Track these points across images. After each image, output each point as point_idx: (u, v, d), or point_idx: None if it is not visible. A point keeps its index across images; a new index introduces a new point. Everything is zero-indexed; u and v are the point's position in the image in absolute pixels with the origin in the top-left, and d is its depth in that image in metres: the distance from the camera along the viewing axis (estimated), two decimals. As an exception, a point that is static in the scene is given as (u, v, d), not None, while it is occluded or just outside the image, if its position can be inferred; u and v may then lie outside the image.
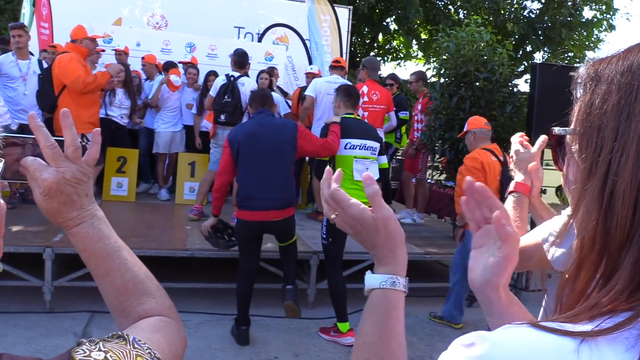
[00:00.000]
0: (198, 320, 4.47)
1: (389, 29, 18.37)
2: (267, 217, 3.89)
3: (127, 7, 9.80)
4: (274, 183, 3.89)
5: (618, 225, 0.55)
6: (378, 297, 0.82)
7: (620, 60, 0.60)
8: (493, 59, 5.77)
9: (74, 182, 0.86)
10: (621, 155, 0.55)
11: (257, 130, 3.95)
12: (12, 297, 4.48)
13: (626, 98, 0.57)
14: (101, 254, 0.88)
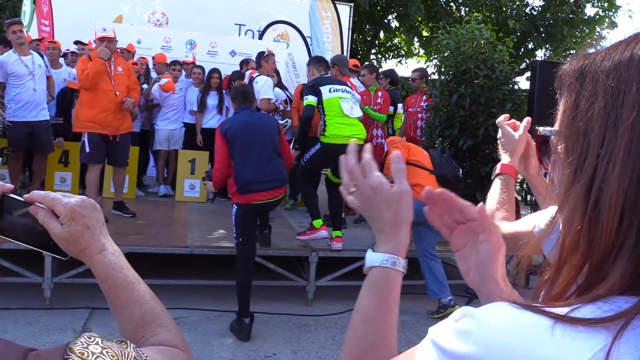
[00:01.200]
0: (197, 317, 4.49)
1: (390, 26, 18.32)
2: (270, 197, 4.25)
3: (127, 4, 9.81)
4: (269, 167, 4.24)
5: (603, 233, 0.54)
6: (378, 275, 0.83)
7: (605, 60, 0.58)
8: (493, 57, 5.76)
9: (92, 207, 0.89)
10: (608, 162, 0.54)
11: (248, 120, 4.26)
12: (12, 294, 4.49)
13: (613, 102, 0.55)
14: (122, 284, 0.89)
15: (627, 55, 0.57)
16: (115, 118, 5.45)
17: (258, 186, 4.16)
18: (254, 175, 4.15)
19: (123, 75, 5.51)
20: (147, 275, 4.75)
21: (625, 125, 0.54)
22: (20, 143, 5.81)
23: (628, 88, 0.54)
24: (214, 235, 5.22)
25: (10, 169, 5.97)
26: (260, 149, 4.20)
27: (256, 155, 4.18)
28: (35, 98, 5.73)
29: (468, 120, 5.72)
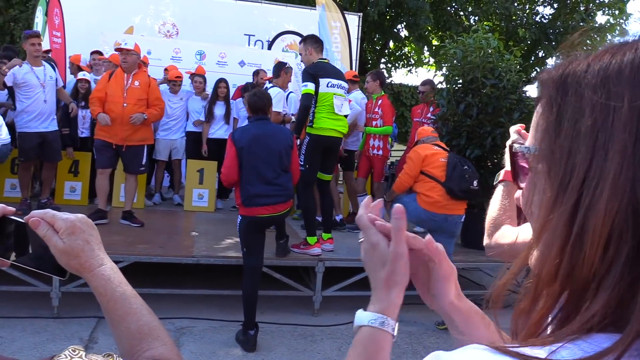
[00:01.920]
0: (203, 327, 4.49)
1: (399, 36, 18.36)
2: (274, 211, 4.25)
3: (138, 15, 9.92)
4: (276, 182, 4.22)
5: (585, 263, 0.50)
6: (365, 335, 0.79)
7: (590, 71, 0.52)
8: (500, 66, 5.74)
9: (89, 225, 0.91)
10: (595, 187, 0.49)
11: (259, 134, 4.20)
12: (20, 303, 4.54)
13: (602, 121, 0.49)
14: (120, 298, 0.90)
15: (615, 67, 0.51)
16: (122, 129, 5.55)
17: (263, 200, 4.16)
18: (259, 189, 4.14)
19: (138, 89, 5.61)
20: (153, 285, 4.79)
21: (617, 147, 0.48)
22: (31, 153, 5.90)
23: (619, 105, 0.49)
24: (220, 245, 5.23)
25: (21, 178, 6.04)
26: (267, 164, 4.18)
27: (263, 170, 4.17)
28: (46, 109, 5.82)
29: (475, 129, 5.70)
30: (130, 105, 5.54)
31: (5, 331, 4.08)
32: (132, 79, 5.56)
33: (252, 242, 4.27)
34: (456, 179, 4.73)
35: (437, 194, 4.72)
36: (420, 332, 4.73)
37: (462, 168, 4.81)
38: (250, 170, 4.15)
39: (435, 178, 4.76)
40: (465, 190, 4.76)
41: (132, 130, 5.60)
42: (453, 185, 4.71)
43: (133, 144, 5.65)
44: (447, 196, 4.72)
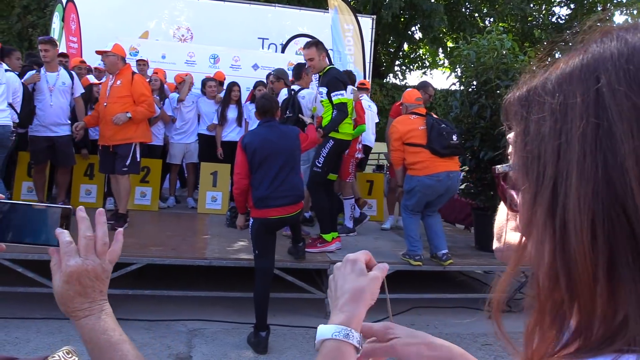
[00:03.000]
0: (215, 329, 4.51)
1: (414, 38, 18.31)
2: (285, 212, 4.28)
3: (153, 20, 10.04)
4: (286, 183, 4.25)
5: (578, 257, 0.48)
6: (329, 349, 0.76)
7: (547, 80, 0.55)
8: (515, 67, 5.69)
9: (94, 276, 0.90)
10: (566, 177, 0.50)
11: (268, 137, 4.27)
12: (35, 304, 4.59)
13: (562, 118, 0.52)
14: (104, 345, 0.90)
15: (567, 70, 0.55)
16: (105, 128, 5.55)
17: (273, 202, 4.20)
18: (269, 191, 4.19)
19: (119, 87, 5.49)
20: (166, 287, 4.82)
21: (577, 137, 0.50)
22: (40, 156, 6.00)
23: (572, 101, 0.52)
24: (233, 247, 5.25)
25: (35, 181, 6.15)
26: (277, 165, 4.23)
27: (273, 171, 4.22)
28: (52, 113, 5.88)
29: (489, 131, 5.65)
30: (110, 104, 5.46)
31: (21, 332, 4.14)
32: (115, 78, 5.54)
33: (264, 244, 4.30)
34: (435, 139, 4.98)
35: (425, 157, 5.00)
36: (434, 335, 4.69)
37: (438, 127, 5.06)
38: (260, 173, 4.21)
39: (419, 144, 5.03)
40: (446, 147, 4.99)
41: (115, 129, 5.48)
42: (435, 145, 4.97)
43: (117, 143, 5.54)
44: (434, 157, 4.98)
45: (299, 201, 4.39)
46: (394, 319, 3.53)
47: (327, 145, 5.14)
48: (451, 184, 5.06)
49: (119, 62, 5.54)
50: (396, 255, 5.44)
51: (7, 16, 13.03)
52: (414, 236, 5.15)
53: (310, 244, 5.20)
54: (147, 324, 4.47)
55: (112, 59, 5.52)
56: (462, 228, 7.78)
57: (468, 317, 5.03)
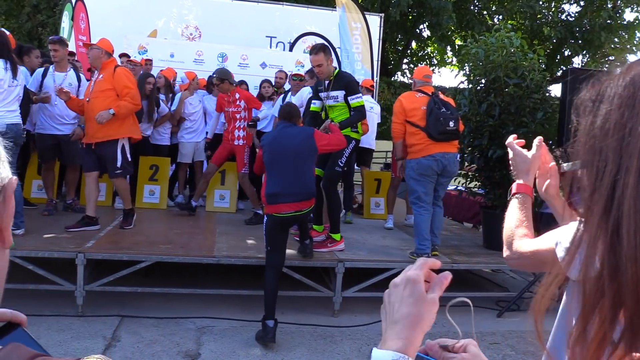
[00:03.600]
0: (223, 326, 4.52)
1: (422, 36, 18.25)
2: (296, 208, 4.38)
3: (162, 19, 10.07)
4: (297, 180, 4.38)
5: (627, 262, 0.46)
6: None
7: (622, 77, 0.56)
8: (523, 65, 5.66)
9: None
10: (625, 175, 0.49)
11: (280, 137, 4.49)
12: (46, 301, 4.63)
13: (629, 112, 0.51)
14: None
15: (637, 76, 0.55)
16: (89, 125, 5.30)
17: (284, 198, 4.30)
18: (280, 188, 4.32)
19: (101, 81, 5.26)
20: (175, 284, 4.84)
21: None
22: (46, 154, 6.04)
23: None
24: (241, 245, 5.27)
25: (44, 179, 6.19)
26: (288, 162, 4.37)
27: (284, 168, 4.36)
28: (57, 112, 5.89)
29: (498, 129, 5.63)
30: (92, 99, 5.22)
31: (31, 329, 4.09)
32: (99, 72, 5.34)
33: (275, 240, 4.39)
34: (432, 124, 5.13)
35: (422, 139, 5.18)
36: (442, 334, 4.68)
37: (437, 112, 5.17)
38: (272, 170, 4.40)
39: (418, 125, 5.21)
40: (442, 132, 5.12)
41: (99, 126, 5.16)
42: (430, 129, 5.12)
43: (101, 140, 5.23)
44: (429, 140, 5.14)
45: (309, 198, 4.46)
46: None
47: (349, 146, 5.22)
48: (447, 164, 5.19)
49: (102, 56, 5.29)
50: (404, 254, 5.43)
51: (17, 15, 13.13)
52: (425, 235, 5.21)
53: (319, 244, 5.23)
54: (156, 321, 4.49)
55: (96, 52, 5.29)
56: (470, 227, 7.76)
57: (477, 316, 5.01)
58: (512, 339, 4.69)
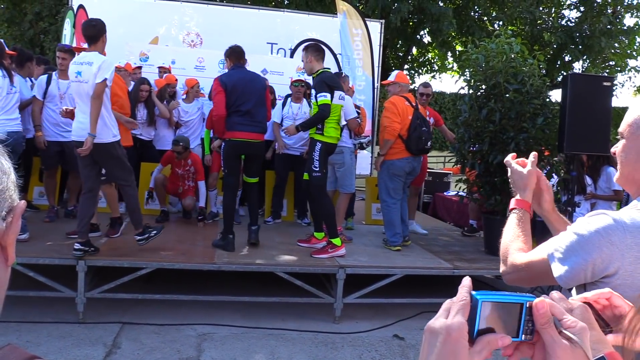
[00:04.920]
0: (224, 333, 4.51)
1: (422, 42, 18.29)
2: (250, 137, 5.19)
3: (163, 26, 10.09)
4: (252, 115, 5.19)
5: None
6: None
7: None
8: (523, 71, 5.66)
9: None
10: None
11: (242, 77, 5.22)
12: (46, 308, 4.63)
13: None
14: None
15: None
16: None
17: (241, 127, 5.11)
18: (239, 119, 5.11)
19: None
20: (176, 291, 4.83)
21: None
22: (51, 161, 6.05)
23: None
24: (242, 252, 5.26)
25: (46, 186, 6.20)
26: (247, 101, 5.15)
27: (244, 104, 5.12)
28: (60, 119, 5.88)
29: (498, 135, 5.63)
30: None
31: (32, 335, 4.17)
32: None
33: (231, 164, 5.27)
34: (414, 140, 5.67)
35: (399, 145, 5.69)
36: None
37: (420, 130, 5.71)
38: (233, 105, 5.12)
39: (400, 135, 5.65)
40: (420, 150, 5.76)
41: None
42: (412, 145, 5.67)
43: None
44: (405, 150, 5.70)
45: (262, 132, 5.34)
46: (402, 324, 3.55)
47: (316, 149, 5.30)
48: (416, 164, 5.88)
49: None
50: (407, 260, 5.42)
51: (20, 23, 13.18)
52: (397, 227, 5.78)
53: (320, 251, 5.25)
54: (156, 328, 4.48)
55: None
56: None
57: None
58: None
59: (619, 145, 1.35)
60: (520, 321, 0.71)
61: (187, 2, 10.69)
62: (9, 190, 0.72)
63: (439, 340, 0.68)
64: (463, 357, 0.68)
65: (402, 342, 4.58)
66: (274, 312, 4.99)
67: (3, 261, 0.73)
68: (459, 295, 0.72)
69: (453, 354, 0.68)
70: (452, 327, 0.69)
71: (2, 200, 0.71)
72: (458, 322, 0.69)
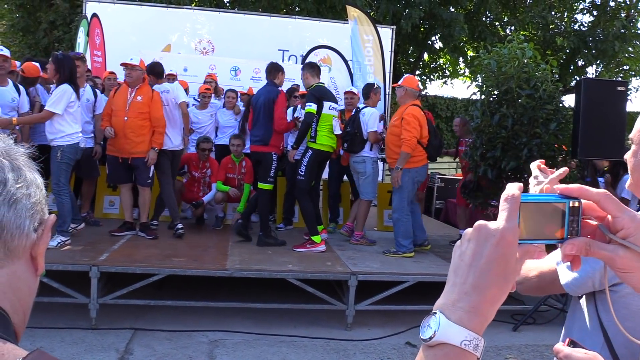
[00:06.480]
0: (236, 340, 4.51)
1: (434, 47, 18.25)
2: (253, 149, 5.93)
3: (175, 34, 10.19)
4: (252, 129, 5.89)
5: None
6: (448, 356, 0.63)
7: None
8: (536, 76, 5.63)
9: None
10: None
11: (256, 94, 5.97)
12: (59, 314, 4.66)
13: None
14: None
15: None
16: (125, 142, 5.60)
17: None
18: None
19: (140, 103, 5.62)
20: (188, 297, 4.84)
21: None
22: None
23: None
24: (254, 258, 5.26)
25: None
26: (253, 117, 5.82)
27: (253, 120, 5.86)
28: None
29: (511, 140, 5.59)
30: (130, 119, 5.58)
31: (45, 341, 4.20)
32: (135, 93, 5.64)
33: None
34: (435, 147, 5.82)
35: (421, 152, 5.74)
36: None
37: (440, 138, 5.97)
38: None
39: (421, 142, 5.69)
40: (437, 156, 6.04)
41: (135, 142, 5.63)
42: (432, 151, 5.81)
43: (138, 156, 5.66)
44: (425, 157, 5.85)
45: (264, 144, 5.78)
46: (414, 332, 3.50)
47: (307, 155, 5.77)
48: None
49: (142, 77, 5.73)
50: (419, 267, 5.39)
51: (34, 32, 13.35)
52: (410, 236, 5.83)
53: (298, 245, 5.76)
54: (169, 334, 4.49)
55: (139, 74, 5.69)
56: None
57: (492, 329, 4.95)
58: (529, 353, 4.62)
59: (630, 151, 1.33)
60: (564, 221, 0.67)
61: (199, 10, 10.81)
62: (41, 204, 0.76)
63: (490, 243, 0.64)
64: (512, 262, 0.65)
65: (415, 350, 4.54)
66: (285, 319, 4.98)
67: (33, 271, 0.77)
68: (509, 191, 0.66)
69: (504, 259, 0.64)
70: (509, 229, 0.64)
71: (34, 212, 0.74)
72: (514, 225, 0.64)
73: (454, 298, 0.65)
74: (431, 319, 0.65)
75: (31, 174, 0.76)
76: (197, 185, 6.80)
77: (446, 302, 0.66)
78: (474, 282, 0.64)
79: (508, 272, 0.64)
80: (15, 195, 0.72)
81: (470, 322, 0.63)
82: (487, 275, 0.64)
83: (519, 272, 0.66)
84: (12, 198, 0.71)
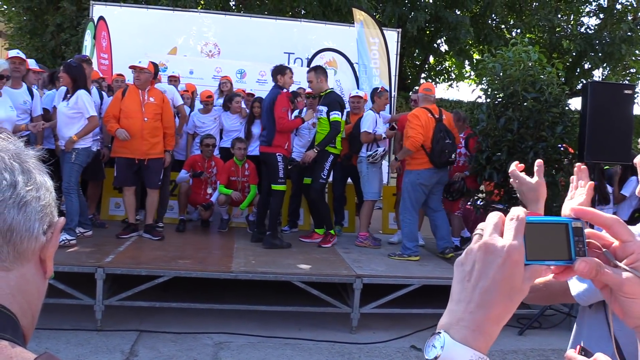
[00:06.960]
0: (241, 342, 4.51)
1: (439, 50, 18.24)
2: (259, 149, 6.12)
3: (182, 36, 10.23)
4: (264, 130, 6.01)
5: None
6: None
7: None
8: (541, 79, 5.61)
9: None
10: None
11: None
12: (65, 315, 4.67)
13: None
14: None
15: None
16: (143, 143, 5.66)
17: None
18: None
19: (154, 104, 5.74)
20: (193, 299, 4.84)
21: None
22: None
23: None
24: (259, 261, 5.26)
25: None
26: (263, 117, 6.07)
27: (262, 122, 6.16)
28: None
29: (516, 144, 5.57)
30: (150, 120, 5.69)
31: (51, 343, 4.21)
32: (147, 95, 5.73)
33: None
34: (437, 153, 5.67)
35: (422, 155, 5.71)
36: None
37: (443, 142, 5.70)
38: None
39: (424, 147, 5.66)
40: (443, 162, 5.74)
41: (151, 144, 5.71)
42: (434, 157, 5.68)
43: (154, 157, 5.75)
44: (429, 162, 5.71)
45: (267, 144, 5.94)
46: (420, 335, 3.51)
47: (328, 159, 6.07)
48: (442, 174, 5.87)
49: (150, 79, 5.81)
50: (424, 270, 5.38)
51: (41, 34, 13.42)
52: (416, 239, 5.85)
53: (324, 241, 6.11)
54: (173, 337, 4.50)
55: (148, 76, 5.74)
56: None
57: (497, 333, 4.93)
58: (535, 357, 4.60)
59: (639, 155, 1.33)
60: (569, 242, 0.67)
61: (205, 13, 10.85)
62: (51, 207, 0.76)
63: (496, 263, 0.64)
64: (518, 282, 0.64)
65: (420, 354, 4.52)
66: (290, 322, 4.98)
67: (42, 274, 0.78)
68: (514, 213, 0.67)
69: (511, 277, 0.64)
70: (515, 248, 0.64)
71: (44, 215, 0.75)
72: (519, 243, 0.64)
73: (458, 317, 0.64)
74: (435, 338, 0.65)
75: (41, 176, 0.76)
76: (203, 188, 6.81)
77: (450, 321, 0.65)
78: (479, 302, 0.64)
79: (514, 291, 0.64)
80: (25, 198, 0.72)
81: (475, 342, 0.63)
82: (492, 295, 0.63)
83: (526, 292, 0.65)
84: (22, 201, 0.71)
